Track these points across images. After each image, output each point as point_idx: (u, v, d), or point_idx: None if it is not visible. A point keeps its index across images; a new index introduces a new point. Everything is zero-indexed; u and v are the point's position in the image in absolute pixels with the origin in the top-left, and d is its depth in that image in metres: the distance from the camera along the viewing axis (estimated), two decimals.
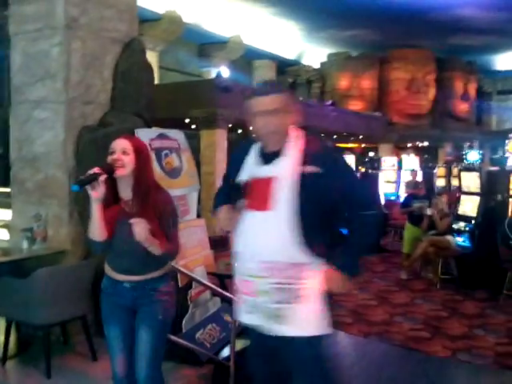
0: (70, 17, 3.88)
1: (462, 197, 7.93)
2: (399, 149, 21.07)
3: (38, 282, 3.25)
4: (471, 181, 7.73)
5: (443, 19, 17.92)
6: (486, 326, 5.38)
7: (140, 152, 2.37)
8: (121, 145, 2.35)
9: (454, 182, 11.02)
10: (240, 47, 19.15)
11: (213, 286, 3.70)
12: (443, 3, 16.75)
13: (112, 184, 2.34)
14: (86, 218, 4.02)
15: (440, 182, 12.40)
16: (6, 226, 4.37)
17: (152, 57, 12.64)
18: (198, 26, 17.89)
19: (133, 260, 2.36)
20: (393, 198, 12.30)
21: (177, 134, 4.08)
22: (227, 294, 3.58)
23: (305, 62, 23.71)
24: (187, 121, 10.95)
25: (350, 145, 20.92)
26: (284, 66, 23.03)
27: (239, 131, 13.16)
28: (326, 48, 22.31)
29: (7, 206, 4.39)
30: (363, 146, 21.79)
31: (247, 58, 20.34)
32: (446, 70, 22.46)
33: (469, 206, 7.75)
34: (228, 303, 3.98)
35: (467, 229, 7.47)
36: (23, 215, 4.09)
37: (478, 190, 7.55)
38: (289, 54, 22.62)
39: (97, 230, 2.32)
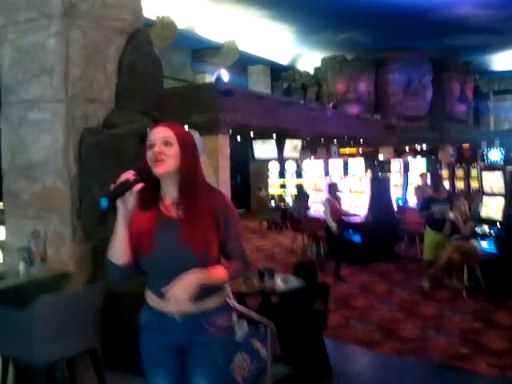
0: (67, 2, 3.36)
1: (485, 198, 7.46)
2: (398, 152, 20.71)
3: (39, 312, 2.71)
4: (494, 181, 7.27)
5: (439, 19, 17.64)
6: None
7: (185, 142, 1.86)
8: (161, 134, 1.84)
9: (474, 184, 10.60)
10: (234, 52, 18.76)
11: (243, 307, 3.17)
12: (439, 3, 16.47)
13: (152, 184, 1.86)
14: (95, 233, 3.50)
15: (455, 184, 11.95)
16: (0, 245, 3.83)
17: None
18: (192, 31, 17.50)
19: None
20: (400, 202, 11.83)
21: (193, 135, 3.57)
22: (256, 317, 3.07)
23: (299, 66, 23.37)
24: (187, 127, 10.44)
25: (349, 149, 20.53)
26: (279, 71, 22.68)
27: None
28: (321, 52, 22.00)
29: (1, 222, 3.85)
30: (361, 149, 21.40)
31: (242, 64, 19.97)
32: (442, 71, 22.23)
33: (492, 208, 7.29)
34: (255, 326, 3.47)
35: (492, 232, 7.01)
36: (19, 232, 3.54)
37: (502, 191, 7.08)
38: (283, 59, 22.28)
39: (119, 251, 1.82)
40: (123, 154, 3.34)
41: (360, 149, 21.10)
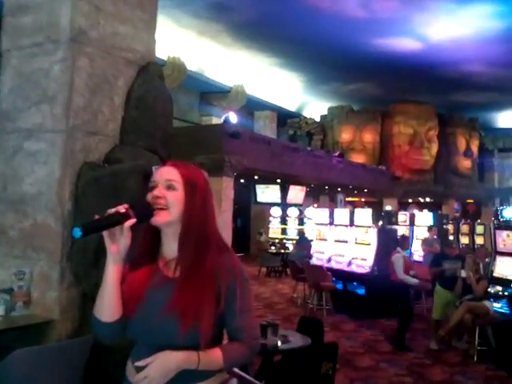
0: (77, 28, 3.16)
1: (498, 258, 7.14)
2: (401, 204, 20.48)
3: (13, 368, 2.35)
4: (508, 239, 6.97)
5: (446, 75, 17.79)
6: None
7: (193, 185, 1.55)
8: (165, 175, 1.54)
9: (478, 240, 10.31)
10: (242, 97, 18.82)
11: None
12: (447, 60, 16.62)
13: (152, 235, 1.55)
14: (86, 278, 3.17)
15: (459, 239, 11.65)
16: None
17: None
18: (201, 74, 17.60)
19: None
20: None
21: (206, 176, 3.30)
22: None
23: (306, 113, 23.46)
24: None
25: (351, 198, 20.30)
26: (285, 117, 22.74)
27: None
28: (328, 101, 22.12)
29: None
30: (365, 199, 21.19)
31: (249, 108, 20.00)
32: (448, 126, 22.26)
33: (506, 268, 6.95)
34: None
35: (505, 293, 6.65)
36: (4, 271, 3.21)
37: None
38: (290, 106, 22.38)
39: (107, 305, 1.50)
40: (124, 193, 3.04)
41: (362, 199, 20.89)
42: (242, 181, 14.14)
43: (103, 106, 3.35)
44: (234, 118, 15.08)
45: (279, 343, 4.05)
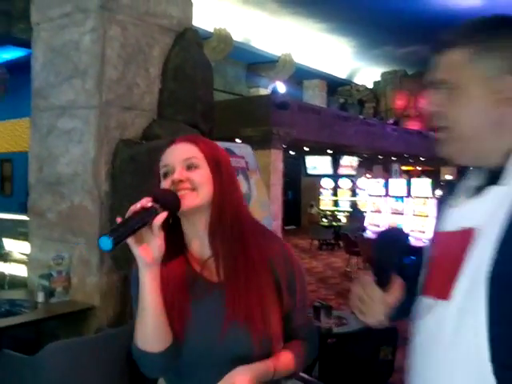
0: None
1: None
2: (460, 171, 19.50)
3: (48, 361, 2.21)
4: None
5: None
6: None
7: (218, 163, 1.25)
8: (182, 154, 1.23)
9: None
10: (290, 66, 18.28)
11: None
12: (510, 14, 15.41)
13: (169, 226, 1.21)
14: (126, 261, 3.01)
15: None
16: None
17: None
18: (247, 44, 17.19)
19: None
20: None
21: (244, 149, 3.03)
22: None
23: (357, 81, 22.63)
24: (238, 141, 10.01)
25: (407, 167, 19.55)
26: (335, 86, 22.01)
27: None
28: (380, 66, 21.18)
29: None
30: (422, 168, 20.35)
31: (297, 78, 19.45)
32: None
33: None
34: None
35: None
36: (43, 255, 3.10)
37: None
38: (340, 73, 21.61)
39: (153, 330, 1.14)
40: None
41: (419, 167, 20.07)
42: (291, 153, 13.81)
43: (138, 78, 3.12)
44: (281, 88, 14.66)
45: (334, 326, 3.81)
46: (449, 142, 1.02)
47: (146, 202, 1.10)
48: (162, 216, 1.10)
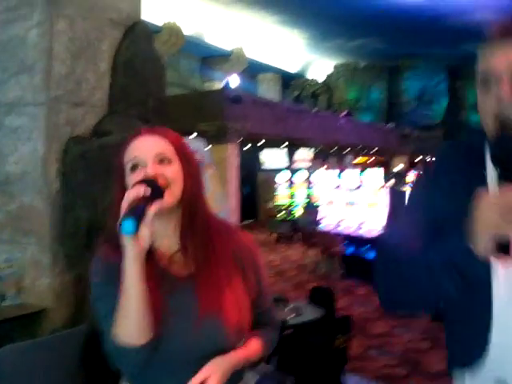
0: None
1: None
2: (411, 163, 20.11)
3: (2, 365, 2.16)
4: None
5: (455, 26, 17.12)
6: None
7: (188, 157, 1.25)
8: (154, 148, 1.20)
9: None
10: (243, 60, 18.32)
11: None
12: (455, 9, 15.95)
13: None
14: (80, 261, 2.96)
15: None
16: None
17: None
18: (200, 38, 17.08)
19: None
20: None
21: (198, 144, 3.04)
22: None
23: (310, 74, 22.90)
24: (194, 136, 9.96)
25: (359, 159, 19.96)
26: (289, 80, 22.22)
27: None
28: (333, 59, 21.54)
29: None
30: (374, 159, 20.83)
31: (252, 72, 19.52)
32: (458, 79, 21.63)
33: None
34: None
35: None
36: None
37: None
38: (294, 67, 21.82)
39: (138, 321, 1.12)
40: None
41: (372, 159, 20.51)
42: (247, 146, 13.87)
43: (87, 73, 3.06)
44: (235, 82, 14.66)
45: (290, 317, 3.88)
46: None
47: (143, 188, 1.09)
48: (156, 206, 1.09)
